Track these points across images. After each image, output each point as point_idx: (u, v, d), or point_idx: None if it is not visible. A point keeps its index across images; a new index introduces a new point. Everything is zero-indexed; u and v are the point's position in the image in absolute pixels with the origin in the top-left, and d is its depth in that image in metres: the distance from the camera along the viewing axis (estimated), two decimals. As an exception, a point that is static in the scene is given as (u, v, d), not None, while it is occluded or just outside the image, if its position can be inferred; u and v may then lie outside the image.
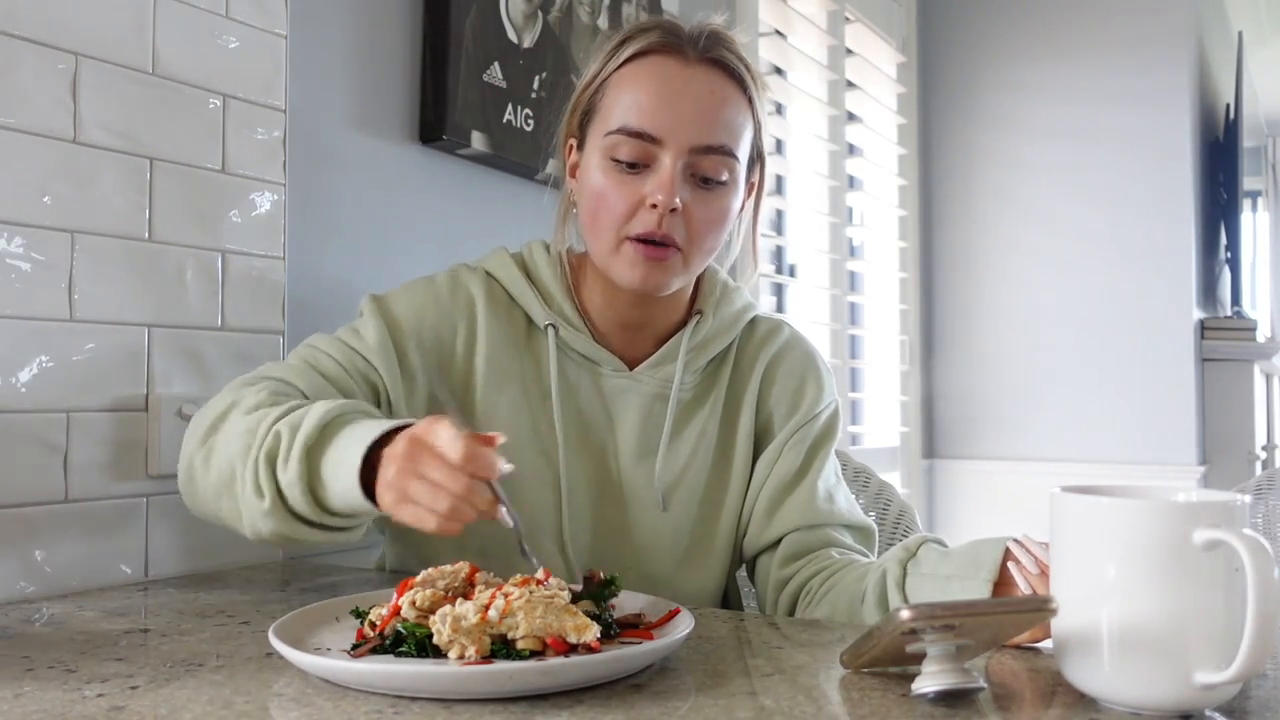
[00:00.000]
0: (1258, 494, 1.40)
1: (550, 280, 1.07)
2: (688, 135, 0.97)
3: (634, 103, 0.98)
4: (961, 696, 0.64)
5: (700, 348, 1.10)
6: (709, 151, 0.98)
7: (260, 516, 0.85)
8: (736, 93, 1.00)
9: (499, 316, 1.06)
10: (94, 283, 1.05)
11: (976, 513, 3.08)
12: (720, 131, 0.98)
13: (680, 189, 0.97)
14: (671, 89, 0.97)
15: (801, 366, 1.15)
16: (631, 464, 1.07)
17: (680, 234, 0.98)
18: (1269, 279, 5.61)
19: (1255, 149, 5.38)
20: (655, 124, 0.97)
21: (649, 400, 1.08)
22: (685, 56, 0.99)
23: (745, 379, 1.13)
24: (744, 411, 1.12)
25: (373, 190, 1.42)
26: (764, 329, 1.16)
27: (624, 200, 0.98)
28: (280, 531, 0.85)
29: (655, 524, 1.07)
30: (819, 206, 2.66)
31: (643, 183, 0.98)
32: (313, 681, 0.68)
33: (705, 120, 0.98)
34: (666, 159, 0.97)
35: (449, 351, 1.05)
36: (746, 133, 1.02)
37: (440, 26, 1.48)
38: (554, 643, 0.68)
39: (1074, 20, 3.01)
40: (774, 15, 2.44)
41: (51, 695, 0.65)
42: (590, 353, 1.07)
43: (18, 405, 0.99)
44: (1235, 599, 0.59)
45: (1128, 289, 2.92)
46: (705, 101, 0.98)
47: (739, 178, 1.02)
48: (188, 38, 1.14)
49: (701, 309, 1.11)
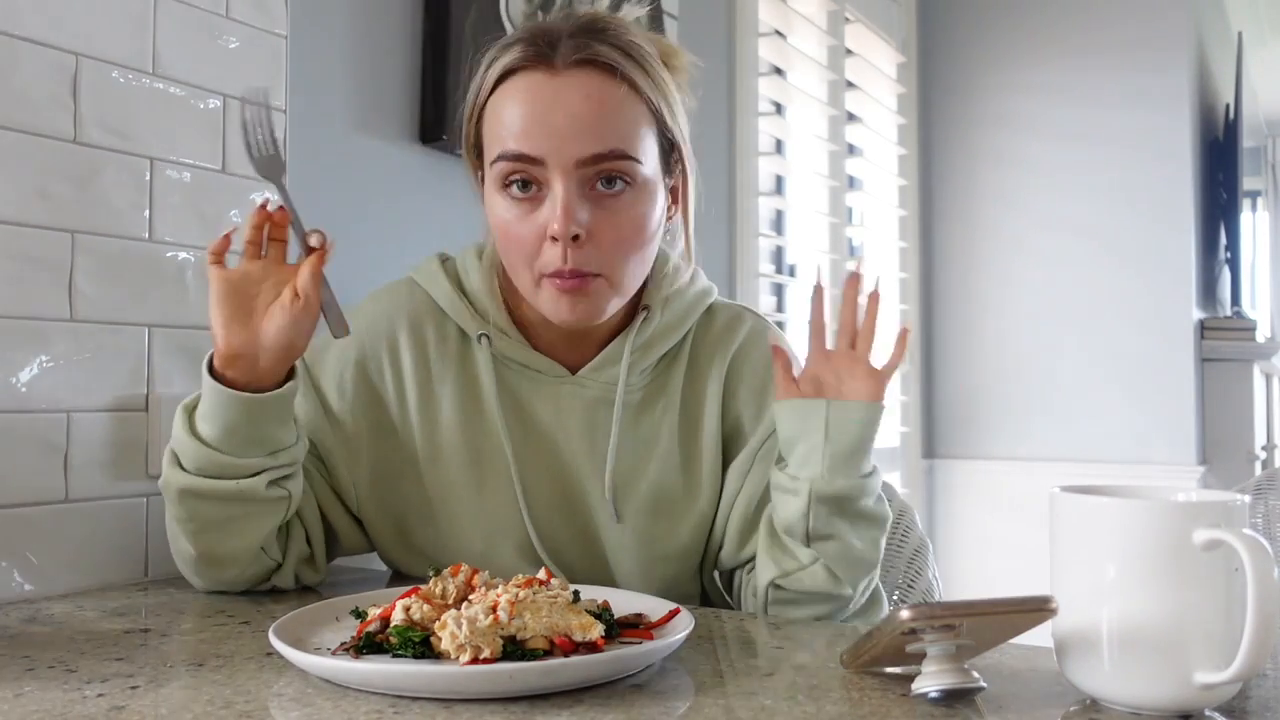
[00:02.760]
0: (1258, 494, 1.40)
1: (482, 290, 1.01)
2: (570, 150, 0.89)
3: (508, 126, 0.91)
4: (961, 696, 0.64)
5: (646, 346, 1.01)
6: (598, 160, 0.89)
7: (165, 489, 0.92)
8: (619, 88, 0.91)
9: (427, 331, 1.02)
10: (94, 283, 1.05)
11: (976, 513, 3.08)
12: (605, 136, 0.90)
13: (580, 210, 0.89)
14: (543, 104, 0.90)
15: (766, 363, 1.04)
16: (585, 473, 1.01)
17: (594, 260, 0.91)
18: (1269, 279, 5.60)
19: (1255, 149, 5.37)
20: (533, 145, 0.89)
21: (592, 406, 1.01)
22: (553, 65, 0.90)
23: (704, 376, 1.04)
24: (708, 413, 1.03)
25: (373, 190, 1.42)
26: (723, 319, 1.06)
27: (527, 234, 0.91)
28: (182, 487, 0.90)
29: (614, 534, 1.01)
30: (819, 207, 2.66)
31: (541, 212, 0.91)
32: (313, 681, 0.68)
33: (584, 129, 0.89)
34: (556, 181, 0.89)
35: (376, 387, 1.02)
36: (642, 128, 0.93)
37: (440, 26, 1.48)
38: (561, 641, 0.68)
39: (1074, 21, 3.01)
40: (774, 15, 2.44)
41: (51, 695, 0.65)
42: (528, 361, 1.01)
43: (18, 405, 0.99)
44: (1235, 599, 0.59)
45: (1128, 289, 2.92)
46: (580, 109, 0.89)
47: (647, 178, 0.93)
48: (188, 38, 1.14)
49: (649, 305, 1.02)
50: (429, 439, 1.01)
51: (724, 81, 2.27)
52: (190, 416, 0.92)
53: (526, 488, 1.00)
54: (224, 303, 0.88)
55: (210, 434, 0.90)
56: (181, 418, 0.92)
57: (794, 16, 2.51)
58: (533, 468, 1.01)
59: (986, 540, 3.03)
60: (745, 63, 2.30)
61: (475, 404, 1.01)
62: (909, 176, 3.09)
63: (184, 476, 0.91)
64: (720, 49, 2.26)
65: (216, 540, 0.93)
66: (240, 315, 0.88)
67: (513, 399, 1.01)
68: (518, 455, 1.00)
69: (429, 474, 1.01)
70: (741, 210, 2.30)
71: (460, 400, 1.01)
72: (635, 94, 0.93)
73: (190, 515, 0.92)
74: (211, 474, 0.90)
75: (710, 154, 2.22)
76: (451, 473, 1.01)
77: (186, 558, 0.96)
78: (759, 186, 2.37)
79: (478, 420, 1.01)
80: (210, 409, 0.89)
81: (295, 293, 0.88)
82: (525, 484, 1.00)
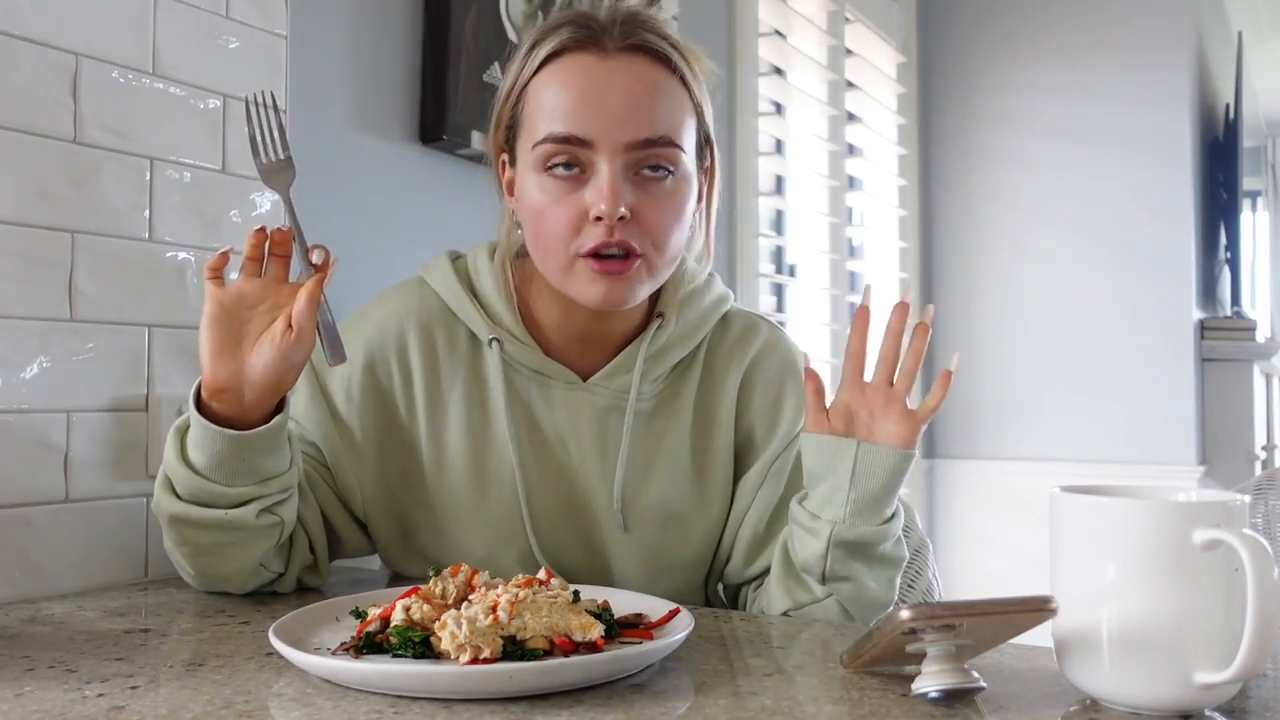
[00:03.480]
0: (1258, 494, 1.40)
1: (493, 292, 1.00)
2: (621, 132, 0.88)
3: (557, 107, 0.90)
4: (961, 696, 0.64)
5: (660, 354, 1.00)
6: (648, 145, 0.89)
7: (158, 511, 0.90)
8: (668, 77, 0.92)
9: (436, 334, 1.01)
10: (94, 283, 1.05)
11: (976, 513, 3.08)
12: (657, 122, 0.90)
13: (625, 192, 0.88)
14: (594, 85, 0.89)
15: (780, 374, 1.04)
16: (593, 481, 1.00)
17: (637, 240, 0.90)
18: (1269, 279, 5.60)
19: (1255, 149, 5.37)
20: (583, 126, 0.88)
21: (603, 414, 0.99)
22: (604, 48, 0.90)
23: (718, 386, 1.03)
24: (720, 423, 1.02)
25: (373, 190, 1.42)
26: (738, 328, 1.05)
27: (566, 215, 0.90)
28: (173, 514, 0.88)
29: (618, 544, 1.00)
30: (819, 207, 2.66)
31: (584, 193, 0.89)
32: (313, 681, 0.68)
33: (637, 113, 0.89)
34: (603, 163, 0.88)
35: (385, 390, 1.01)
36: (687, 118, 0.94)
37: (440, 26, 1.48)
38: (561, 641, 0.68)
39: (1074, 20, 3.01)
40: (774, 15, 2.44)
41: (52, 695, 0.65)
42: (539, 366, 0.99)
43: (18, 405, 0.99)
44: (1235, 599, 0.59)
45: (1128, 289, 2.92)
46: (633, 92, 0.89)
47: (688, 169, 0.94)
48: (188, 38, 1.14)
49: (664, 311, 1.01)
50: (435, 444, 1.00)
51: (724, 81, 2.27)
52: (182, 441, 0.88)
53: (531, 495, 0.99)
54: (214, 328, 0.85)
55: (199, 462, 0.87)
56: (173, 442, 0.88)
57: (794, 16, 2.51)
58: (538, 475, 1.00)
59: (986, 540, 3.03)
60: (745, 63, 2.30)
61: (483, 409, 1.00)
62: (909, 176, 3.09)
63: (175, 503, 0.88)
64: (720, 49, 2.26)
65: (210, 564, 0.92)
66: (229, 345, 0.85)
67: (522, 405, 1.00)
68: (524, 462, 0.99)
69: (434, 479, 1.00)
70: (741, 210, 2.30)
71: (468, 405, 1.00)
72: (682, 85, 0.93)
73: (183, 540, 0.90)
74: (202, 501, 0.88)
75: (710, 154, 2.21)
76: (456, 478, 1.00)
77: (185, 574, 0.96)
78: (759, 186, 2.37)
79: (485, 426, 1.00)
80: (197, 439, 0.86)
81: (289, 323, 0.85)
82: (530, 492, 0.99)
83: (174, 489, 0.89)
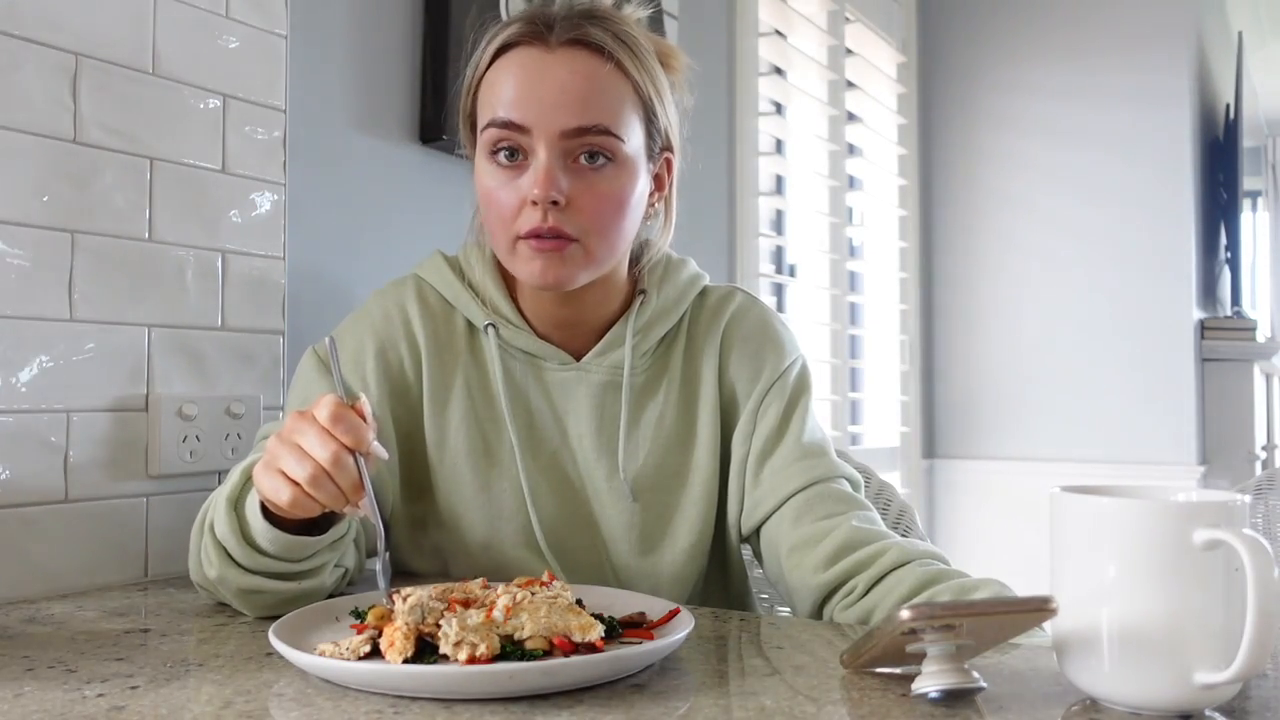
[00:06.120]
0: (1258, 494, 1.40)
1: (485, 280, 1.05)
2: (555, 120, 0.93)
3: (500, 96, 0.95)
4: (961, 696, 0.64)
5: (647, 328, 1.06)
6: (581, 134, 0.94)
7: (222, 583, 0.87)
8: (607, 69, 0.95)
9: (435, 324, 1.04)
10: (94, 283, 1.05)
11: (976, 513, 3.08)
12: (591, 111, 0.94)
13: (561, 179, 0.93)
14: (534, 75, 0.94)
15: (757, 331, 1.09)
16: (591, 458, 1.04)
17: (572, 225, 0.94)
18: (1269, 279, 5.60)
19: (1255, 149, 5.37)
20: (521, 113, 0.93)
21: (600, 390, 1.04)
22: (547, 43, 0.95)
23: (700, 352, 1.08)
24: (704, 386, 1.07)
25: (373, 190, 1.42)
26: (715, 298, 1.11)
27: (508, 199, 0.95)
28: (244, 587, 0.86)
29: (622, 515, 1.03)
30: (819, 206, 2.66)
31: (524, 178, 0.95)
32: (313, 681, 0.68)
33: (571, 102, 0.93)
34: (540, 149, 0.93)
35: (398, 376, 1.03)
36: (626, 108, 0.97)
37: (440, 26, 1.48)
38: (560, 642, 0.68)
39: (1074, 20, 3.01)
40: (774, 15, 2.44)
41: (51, 695, 0.65)
42: (533, 348, 1.04)
43: (18, 405, 0.99)
44: (1235, 599, 0.59)
45: (1128, 289, 2.92)
46: (568, 82, 0.94)
47: (628, 156, 0.97)
48: (188, 37, 1.14)
49: (645, 289, 1.07)
50: (438, 428, 1.03)
51: (724, 81, 2.27)
52: (239, 516, 0.86)
53: (530, 475, 1.02)
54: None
55: (269, 548, 0.85)
56: (229, 519, 0.85)
57: (794, 16, 2.51)
58: (538, 455, 1.03)
59: (986, 540, 3.03)
60: (745, 63, 2.30)
61: (484, 394, 1.04)
62: (909, 176, 3.09)
63: (245, 578, 0.86)
64: (720, 49, 2.26)
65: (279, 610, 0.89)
66: None
67: (518, 387, 1.04)
68: (522, 443, 1.02)
69: (436, 462, 1.03)
70: (741, 210, 2.30)
71: (469, 390, 1.03)
72: (622, 76, 0.97)
73: (252, 605, 0.88)
74: (274, 574, 0.86)
75: (710, 154, 2.22)
76: (459, 461, 1.02)
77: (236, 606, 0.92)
78: (759, 186, 2.37)
79: (485, 409, 1.03)
80: (265, 535, 0.84)
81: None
82: (529, 471, 1.02)
83: (236, 562, 0.86)
